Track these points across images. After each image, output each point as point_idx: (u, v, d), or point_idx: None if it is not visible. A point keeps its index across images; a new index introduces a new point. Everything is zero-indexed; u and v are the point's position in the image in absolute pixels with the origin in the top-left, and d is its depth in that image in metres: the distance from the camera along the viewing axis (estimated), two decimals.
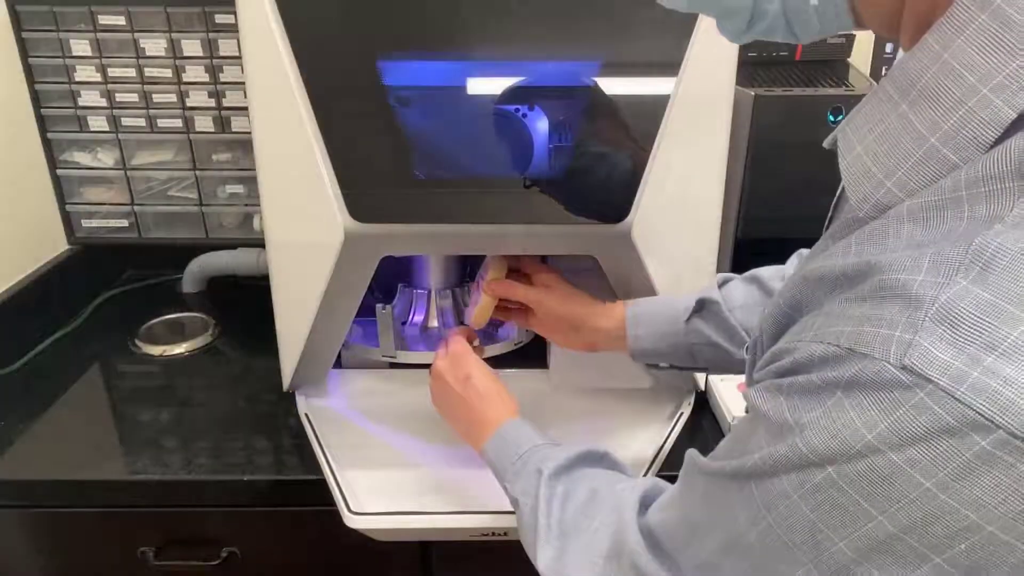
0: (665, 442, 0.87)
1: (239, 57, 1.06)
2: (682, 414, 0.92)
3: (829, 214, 0.51)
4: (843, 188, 0.49)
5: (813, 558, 0.34)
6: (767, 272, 0.77)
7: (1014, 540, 0.29)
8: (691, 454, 0.47)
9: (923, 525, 0.30)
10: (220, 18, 1.07)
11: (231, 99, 1.11)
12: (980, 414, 0.29)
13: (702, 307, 0.77)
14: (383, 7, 0.72)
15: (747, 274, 0.78)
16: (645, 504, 0.53)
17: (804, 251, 0.77)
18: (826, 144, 0.46)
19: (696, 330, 0.76)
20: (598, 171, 0.78)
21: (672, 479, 0.64)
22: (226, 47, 1.08)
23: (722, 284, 0.78)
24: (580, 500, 0.59)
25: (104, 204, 1.18)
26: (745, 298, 0.76)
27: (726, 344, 0.75)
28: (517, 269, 0.88)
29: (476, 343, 0.84)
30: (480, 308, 0.87)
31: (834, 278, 0.36)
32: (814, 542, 0.34)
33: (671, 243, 0.82)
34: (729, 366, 0.77)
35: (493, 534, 0.77)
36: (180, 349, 1.09)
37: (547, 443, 0.68)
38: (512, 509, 0.71)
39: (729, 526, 0.39)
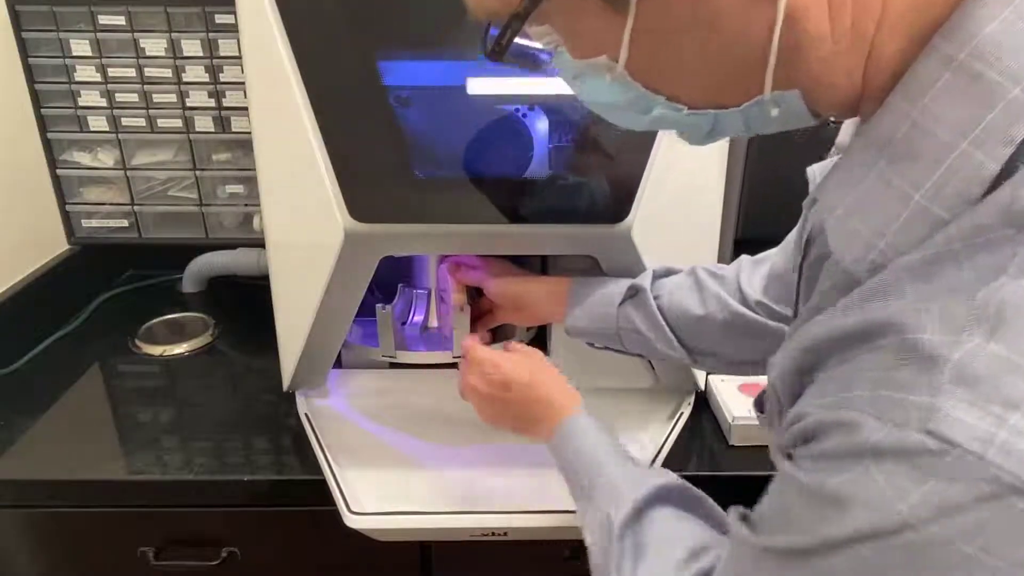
0: (665, 442, 0.87)
1: (239, 57, 1.06)
2: (682, 414, 0.92)
3: (799, 259, 0.50)
4: (809, 238, 0.48)
5: None
6: (706, 267, 0.78)
7: None
8: (736, 524, 0.43)
9: None
10: (220, 18, 1.07)
11: (231, 99, 1.11)
12: (1016, 476, 0.28)
13: (634, 294, 0.78)
14: (383, 7, 0.72)
15: (688, 268, 0.79)
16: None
17: (747, 257, 0.77)
18: (805, 205, 0.45)
19: (625, 315, 0.78)
20: (598, 171, 0.78)
21: None
22: (226, 47, 1.08)
23: (664, 275, 0.80)
24: (648, 560, 0.56)
25: (104, 204, 1.18)
26: (674, 289, 0.77)
27: (648, 333, 0.77)
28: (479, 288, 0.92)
29: (488, 342, 0.83)
30: (455, 295, 0.92)
31: (839, 340, 0.35)
32: None
33: (671, 243, 0.82)
34: (653, 354, 0.79)
35: (493, 534, 0.77)
36: (180, 349, 1.09)
37: (614, 459, 0.63)
38: (516, 508, 0.71)
39: None
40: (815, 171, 0.49)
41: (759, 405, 0.50)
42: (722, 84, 0.38)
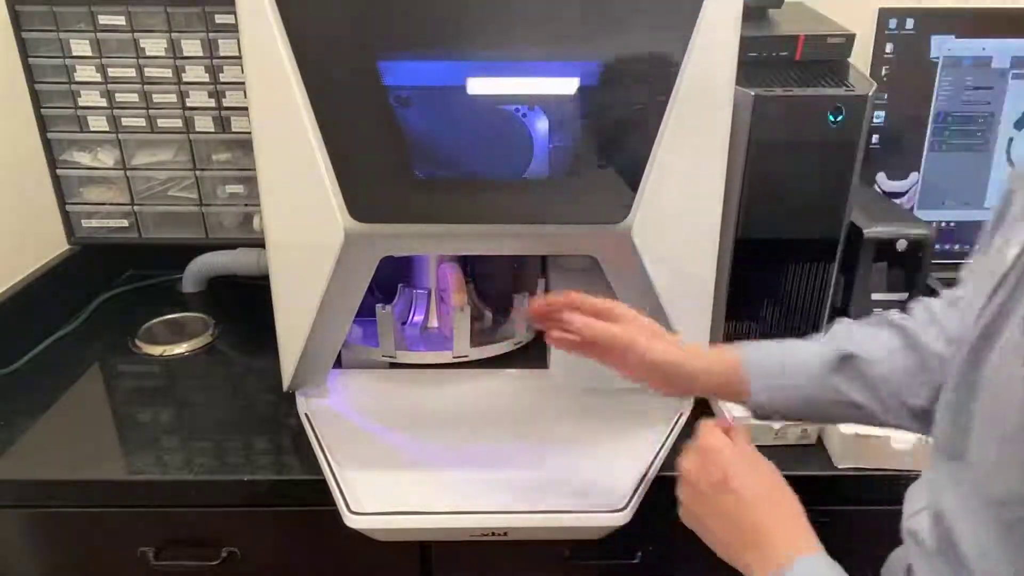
0: (665, 442, 0.87)
1: (239, 57, 1.06)
2: (682, 414, 0.92)
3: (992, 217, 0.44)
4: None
5: None
6: (904, 318, 0.69)
7: None
8: None
9: None
10: (220, 18, 1.07)
11: (231, 99, 1.11)
12: None
13: (843, 362, 0.68)
14: (383, 7, 0.72)
15: (875, 319, 0.70)
16: None
17: (929, 300, 0.69)
18: None
19: (834, 387, 0.68)
20: (598, 171, 0.78)
21: (670, 480, 0.64)
22: (226, 47, 1.08)
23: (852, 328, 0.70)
24: None
25: (104, 204, 1.18)
26: (885, 355, 0.67)
27: (870, 404, 0.67)
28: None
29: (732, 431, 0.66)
30: (455, 295, 0.91)
31: None
32: None
33: (671, 243, 0.82)
34: (867, 423, 0.70)
35: (493, 534, 0.77)
36: (180, 349, 1.09)
37: None
38: (516, 509, 0.70)
39: None
40: None
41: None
42: None
